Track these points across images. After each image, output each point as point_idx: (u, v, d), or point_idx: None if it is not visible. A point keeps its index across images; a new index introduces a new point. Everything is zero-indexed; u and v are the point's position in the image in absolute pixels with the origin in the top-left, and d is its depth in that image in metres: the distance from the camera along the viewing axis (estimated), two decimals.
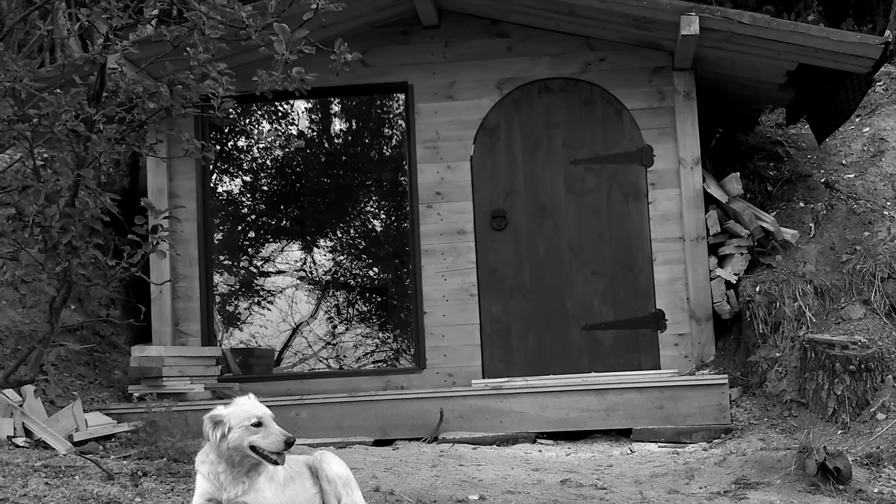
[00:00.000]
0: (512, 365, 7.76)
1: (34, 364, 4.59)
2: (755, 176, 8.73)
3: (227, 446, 3.72)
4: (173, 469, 5.33)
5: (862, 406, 6.50)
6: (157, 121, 4.64)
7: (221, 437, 3.74)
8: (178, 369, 7.34)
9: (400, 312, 8.94)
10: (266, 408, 3.81)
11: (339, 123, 9.47)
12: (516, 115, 8.02)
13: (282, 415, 7.06)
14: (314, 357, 9.11)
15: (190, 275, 8.00)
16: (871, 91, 9.29)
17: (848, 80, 7.33)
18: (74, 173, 4.15)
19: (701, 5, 7.32)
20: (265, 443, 3.70)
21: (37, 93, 4.22)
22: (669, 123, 7.85)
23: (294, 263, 9.34)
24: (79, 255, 4.24)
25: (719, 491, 5.25)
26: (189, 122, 7.69)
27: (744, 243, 7.65)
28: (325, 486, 4.06)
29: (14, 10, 7.99)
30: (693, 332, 7.64)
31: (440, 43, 8.12)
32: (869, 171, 8.42)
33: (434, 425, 7.11)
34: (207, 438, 3.78)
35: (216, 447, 3.75)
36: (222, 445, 3.73)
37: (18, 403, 6.28)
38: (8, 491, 4.67)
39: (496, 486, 5.40)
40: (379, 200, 9.30)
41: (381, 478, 5.46)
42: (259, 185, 9.34)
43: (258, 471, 3.79)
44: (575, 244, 7.88)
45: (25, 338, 7.27)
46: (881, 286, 7.11)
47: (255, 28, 4.13)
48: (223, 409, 3.80)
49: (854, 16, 11.89)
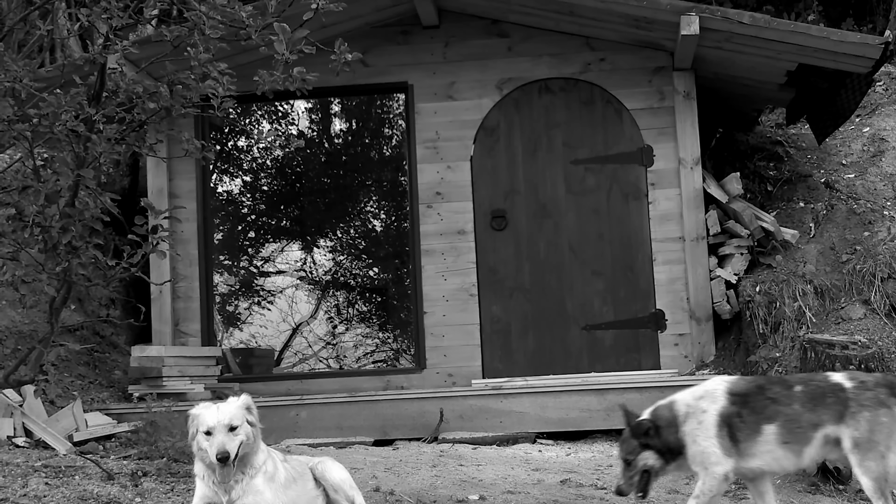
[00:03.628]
0: (512, 365, 7.75)
1: (34, 364, 4.59)
2: (755, 176, 8.73)
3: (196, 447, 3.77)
4: (173, 469, 5.33)
5: None
6: (157, 121, 4.64)
7: (192, 437, 3.78)
8: (178, 369, 7.34)
9: (400, 312, 8.94)
10: (235, 413, 3.76)
11: (339, 123, 9.48)
12: (516, 115, 8.01)
13: (282, 415, 7.08)
14: (314, 357, 9.11)
15: (190, 275, 8.00)
16: (871, 91, 9.28)
17: (848, 80, 7.33)
18: (74, 173, 4.15)
19: (701, 5, 7.32)
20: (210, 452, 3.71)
21: (37, 93, 4.22)
22: (669, 123, 7.85)
23: (294, 263, 9.35)
24: (79, 255, 4.24)
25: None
26: (189, 122, 7.68)
27: (744, 243, 7.64)
28: (333, 496, 4.09)
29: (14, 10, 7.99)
30: (693, 332, 7.63)
31: (440, 43, 8.11)
32: (869, 171, 8.42)
33: (434, 425, 7.11)
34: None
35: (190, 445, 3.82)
36: (193, 445, 3.78)
37: (18, 403, 6.28)
38: (8, 491, 4.67)
39: (496, 486, 5.40)
40: (379, 200, 9.31)
41: (381, 478, 5.46)
42: (259, 185, 9.34)
43: (246, 472, 3.78)
44: (575, 244, 7.88)
45: (25, 338, 7.27)
46: (881, 286, 7.11)
47: (256, 28, 4.13)
48: (195, 410, 3.82)
49: (854, 16, 11.88)
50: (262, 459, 3.85)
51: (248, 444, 3.78)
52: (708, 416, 4.11)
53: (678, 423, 4.13)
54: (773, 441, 4.12)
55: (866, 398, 4.10)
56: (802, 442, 4.13)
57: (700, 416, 4.12)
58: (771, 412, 4.12)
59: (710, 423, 4.10)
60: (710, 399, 4.16)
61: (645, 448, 4.12)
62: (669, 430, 4.11)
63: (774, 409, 4.13)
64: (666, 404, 4.23)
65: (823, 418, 4.11)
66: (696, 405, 4.15)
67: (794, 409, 4.12)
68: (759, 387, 4.21)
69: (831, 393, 4.14)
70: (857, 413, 4.07)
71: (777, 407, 4.13)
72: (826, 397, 4.13)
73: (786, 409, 4.13)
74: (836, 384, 4.16)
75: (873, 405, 4.08)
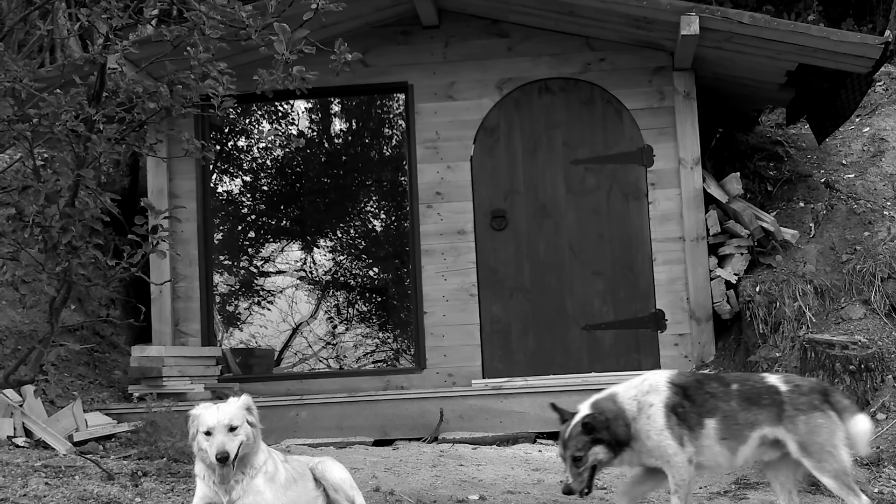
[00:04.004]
0: (512, 365, 7.75)
1: (34, 364, 4.59)
2: (755, 176, 8.73)
3: (196, 447, 3.76)
4: (173, 469, 5.33)
5: (862, 406, 6.48)
6: (157, 121, 4.63)
7: (192, 438, 3.78)
8: (178, 369, 7.34)
9: (400, 312, 8.95)
10: (235, 414, 3.77)
11: (339, 123, 9.48)
12: (516, 115, 8.01)
13: (282, 415, 7.08)
14: (314, 357, 9.12)
15: (190, 275, 7.99)
16: (871, 91, 9.28)
17: (848, 80, 7.32)
18: (74, 173, 4.15)
19: (701, 5, 7.32)
20: (210, 452, 3.71)
21: (37, 93, 4.22)
22: (669, 123, 7.85)
23: (294, 263, 9.35)
24: (79, 255, 4.24)
25: (719, 491, 5.26)
26: (189, 122, 7.68)
27: (744, 243, 7.65)
28: (333, 496, 4.09)
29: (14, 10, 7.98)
30: (693, 332, 7.63)
31: (440, 43, 8.11)
32: (869, 171, 8.42)
33: (434, 425, 7.11)
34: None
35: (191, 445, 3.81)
36: (193, 445, 3.78)
37: (18, 403, 6.28)
38: (8, 491, 4.67)
39: (496, 486, 5.41)
40: (379, 200, 9.31)
41: (381, 478, 5.47)
42: (259, 185, 9.34)
43: (246, 472, 3.79)
44: (575, 244, 7.88)
45: (25, 338, 7.27)
46: (881, 286, 7.11)
47: (256, 28, 4.13)
48: (195, 410, 3.82)
49: (854, 16, 11.88)
50: (263, 459, 3.85)
51: (249, 445, 3.78)
52: (655, 409, 4.13)
53: (626, 417, 4.13)
54: (714, 436, 4.16)
55: (801, 402, 4.16)
56: (739, 440, 4.18)
57: (648, 411, 4.14)
58: (711, 406, 4.17)
59: (658, 415, 4.13)
60: (654, 392, 4.18)
61: (596, 443, 4.08)
62: (618, 423, 4.11)
63: (714, 403, 4.18)
64: (607, 397, 4.22)
65: (760, 418, 4.16)
66: (644, 400, 4.16)
67: (732, 406, 4.18)
68: (699, 381, 4.27)
69: (767, 394, 4.20)
70: (794, 417, 4.13)
71: (716, 402, 4.18)
72: (762, 398, 4.19)
73: (724, 405, 4.18)
74: (771, 386, 4.23)
75: (808, 409, 4.14)
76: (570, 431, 4.12)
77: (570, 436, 4.11)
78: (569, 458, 4.10)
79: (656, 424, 4.11)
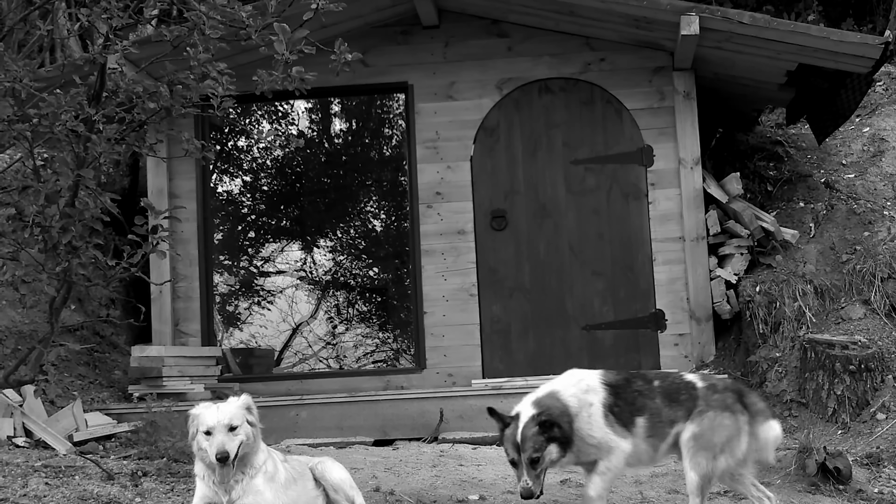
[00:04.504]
0: (512, 365, 7.75)
1: (34, 364, 4.59)
2: (755, 176, 8.73)
3: (196, 447, 3.76)
4: (173, 469, 5.33)
5: (862, 406, 6.50)
6: (157, 121, 4.64)
7: (192, 437, 3.78)
8: (178, 369, 7.34)
9: (400, 312, 8.94)
10: (235, 413, 3.77)
11: (339, 123, 9.48)
12: (516, 115, 8.01)
13: (282, 415, 7.08)
14: (314, 357, 9.12)
15: (190, 275, 8.00)
16: (871, 91, 9.28)
17: (848, 80, 7.33)
18: (74, 173, 4.15)
19: (701, 5, 7.32)
20: (210, 452, 3.72)
21: (37, 93, 4.22)
22: (669, 123, 7.85)
23: (294, 263, 9.35)
24: (79, 255, 4.24)
25: (719, 491, 5.25)
26: (189, 122, 7.68)
27: (744, 243, 7.65)
28: (333, 496, 4.09)
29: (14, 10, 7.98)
30: (693, 332, 7.63)
31: (440, 43, 8.11)
32: (869, 171, 8.42)
33: (434, 425, 7.11)
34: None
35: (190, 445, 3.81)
36: (193, 445, 3.78)
37: (18, 403, 6.28)
38: (8, 491, 4.67)
39: (496, 486, 5.41)
40: (379, 200, 9.31)
41: (381, 478, 5.47)
42: (259, 185, 9.34)
43: (246, 472, 3.79)
44: (575, 244, 7.88)
45: (25, 338, 7.27)
46: (881, 286, 7.11)
47: (255, 28, 4.13)
48: (195, 410, 3.82)
49: (854, 16, 11.88)
50: (263, 459, 3.86)
51: (248, 444, 3.78)
52: (595, 408, 4.17)
53: (570, 414, 4.14)
54: (642, 434, 4.22)
55: (714, 400, 4.21)
56: (661, 437, 4.24)
57: (589, 410, 4.17)
58: (640, 405, 4.23)
59: (598, 414, 4.17)
60: (593, 392, 4.21)
61: (550, 441, 4.06)
62: (564, 421, 4.11)
63: (642, 401, 4.24)
64: (548, 395, 4.22)
65: (678, 415, 4.22)
66: (584, 398, 4.19)
67: (657, 403, 4.24)
68: (626, 380, 4.32)
69: (684, 390, 4.25)
70: (703, 412, 4.19)
71: (644, 400, 4.24)
72: (680, 394, 4.25)
73: (651, 402, 4.24)
74: (688, 382, 4.29)
75: (719, 407, 4.19)
76: (523, 432, 4.05)
77: (525, 437, 4.04)
78: (526, 460, 4.03)
79: (598, 423, 4.15)
